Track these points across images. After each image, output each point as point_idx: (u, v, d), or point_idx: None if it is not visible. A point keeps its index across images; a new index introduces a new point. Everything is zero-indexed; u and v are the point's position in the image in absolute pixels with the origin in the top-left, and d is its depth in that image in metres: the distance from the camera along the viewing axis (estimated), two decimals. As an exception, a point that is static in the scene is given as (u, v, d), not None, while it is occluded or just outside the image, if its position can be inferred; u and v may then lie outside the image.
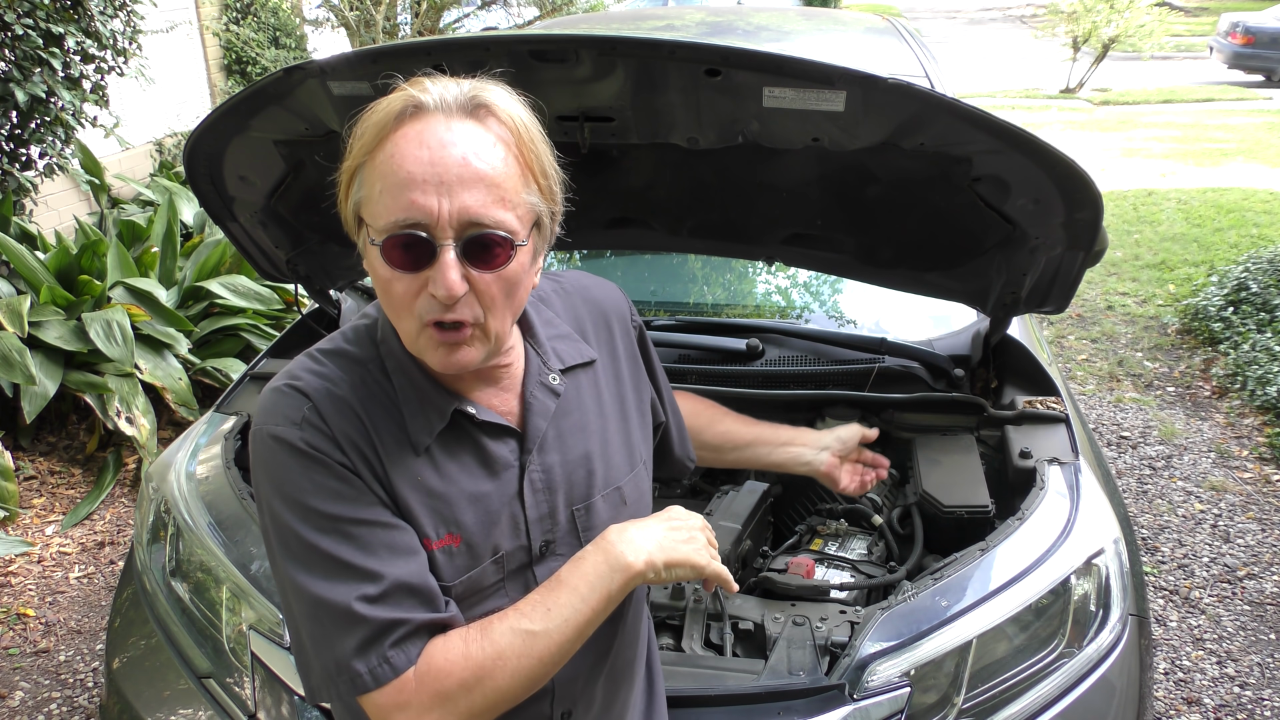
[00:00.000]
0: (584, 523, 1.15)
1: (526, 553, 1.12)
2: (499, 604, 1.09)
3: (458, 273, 0.96)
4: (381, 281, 1.00)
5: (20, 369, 3.65)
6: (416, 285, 0.98)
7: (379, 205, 0.97)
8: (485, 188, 0.96)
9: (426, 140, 0.95)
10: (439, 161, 0.95)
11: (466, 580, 1.07)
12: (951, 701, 1.53)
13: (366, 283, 2.74)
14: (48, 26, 4.18)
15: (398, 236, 0.96)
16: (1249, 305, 5.08)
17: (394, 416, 1.06)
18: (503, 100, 1.00)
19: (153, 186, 5.88)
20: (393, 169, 0.96)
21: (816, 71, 1.55)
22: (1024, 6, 23.74)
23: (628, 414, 1.24)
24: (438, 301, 0.97)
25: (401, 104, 0.98)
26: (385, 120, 0.98)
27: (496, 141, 0.98)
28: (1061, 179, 1.65)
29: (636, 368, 1.31)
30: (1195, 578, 3.38)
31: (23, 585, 3.40)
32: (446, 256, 0.95)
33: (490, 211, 0.96)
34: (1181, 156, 9.63)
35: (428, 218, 0.95)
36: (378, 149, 0.98)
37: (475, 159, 0.96)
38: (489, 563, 1.09)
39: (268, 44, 7.72)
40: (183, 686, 1.78)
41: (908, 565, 1.92)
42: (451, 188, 0.94)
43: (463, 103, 0.98)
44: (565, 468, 1.14)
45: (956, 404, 2.16)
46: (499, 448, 1.10)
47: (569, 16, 7.34)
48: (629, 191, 2.13)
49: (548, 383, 1.14)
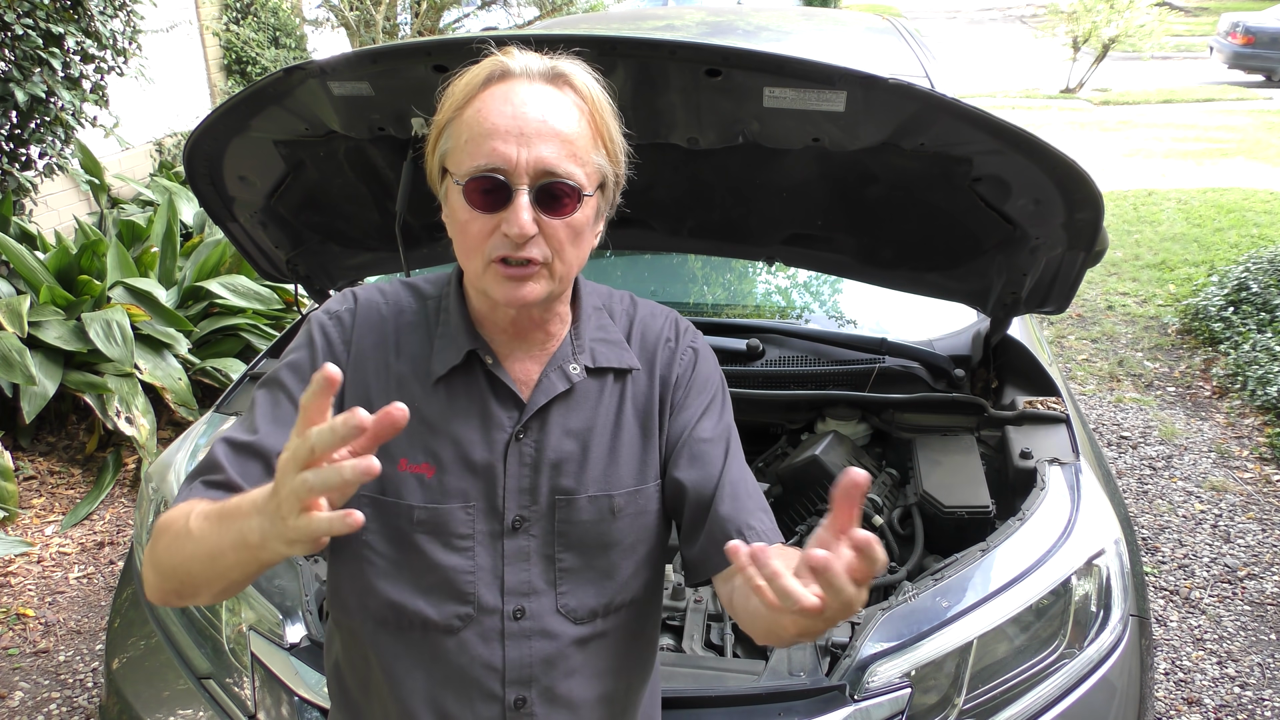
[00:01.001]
0: (564, 514, 1.16)
1: (499, 520, 1.15)
2: (463, 563, 1.14)
3: (530, 214, 1.05)
4: (459, 223, 1.10)
5: (20, 369, 3.65)
6: (491, 225, 1.07)
7: (464, 153, 1.07)
8: (560, 142, 1.06)
9: (511, 98, 1.06)
10: (520, 116, 1.05)
11: (432, 510, 1.13)
12: (952, 702, 1.53)
13: (367, 282, 2.74)
14: (48, 26, 4.18)
15: (479, 180, 1.06)
16: (1249, 305, 5.08)
17: (425, 346, 1.17)
18: (580, 73, 1.11)
19: (152, 186, 5.88)
20: (479, 121, 1.06)
21: (817, 71, 1.55)
22: (1024, 6, 23.73)
23: (650, 431, 1.23)
24: (509, 240, 1.06)
25: (490, 68, 1.09)
26: (475, 80, 1.09)
27: (573, 105, 1.09)
28: (1062, 179, 1.65)
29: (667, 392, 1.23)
30: (1196, 578, 3.37)
31: (22, 585, 3.40)
32: (521, 199, 1.05)
33: (562, 163, 1.06)
34: (1181, 156, 9.63)
35: (507, 164, 1.05)
36: (466, 105, 1.08)
37: (552, 117, 1.07)
38: (457, 506, 1.14)
39: (268, 44, 7.72)
40: (182, 687, 1.78)
41: (908, 566, 1.92)
42: (530, 139, 1.05)
43: (545, 71, 1.09)
44: (558, 453, 1.16)
45: (957, 404, 2.16)
46: (500, 410, 1.16)
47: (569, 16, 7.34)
48: (629, 191, 2.12)
49: (567, 370, 1.19)
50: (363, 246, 2.35)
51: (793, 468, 2.16)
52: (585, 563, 1.17)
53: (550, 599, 1.16)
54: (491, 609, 1.15)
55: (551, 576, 1.16)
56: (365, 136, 1.85)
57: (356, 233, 2.30)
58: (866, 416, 2.29)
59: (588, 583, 1.18)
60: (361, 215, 2.24)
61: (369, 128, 1.82)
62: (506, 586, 1.15)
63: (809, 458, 2.14)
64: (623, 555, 1.19)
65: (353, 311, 1.19)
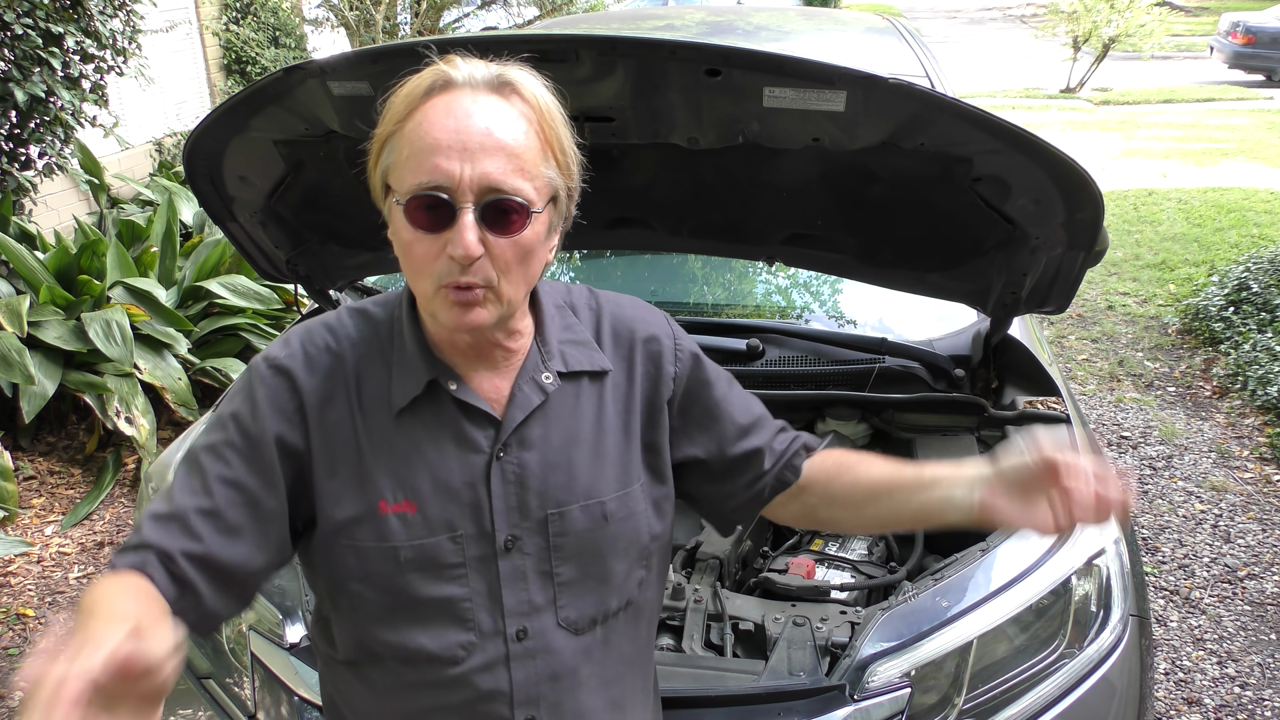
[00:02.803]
0: (557, 528, 1.13)
1: (490, 543, 1.11)
2: (458, 591, 1.10)
3: (475, 234, 1.00)
4: (403, 244, 1.05)
5: (19, 369, 3.65)
6: (436, 247, 1.02)
7: (405, 169, 1.02)
8: (505, 156, 1.01)
9: (453, 110, 1.01)
10: (463, 129, 1.00)
11: (418, 547, 1.09)
12: (952, 702, 1.53)
13: (367, 282, 2.74)
14: (47, 26, 4.18)
15: (421, 198, 1.01)
16: (1250, 305, 5.08)
17: (385, 377, 1.12)
18: (527, 81, 1.06)
19: (152, 186, 5.88)
20: (420, 135, 1.01)
21: (817, 71, 1.55)
22: (1024, 6, 23.73)
23: (631, 433, 1.20)
24: (455, 263, 1.01)
25: (431, 78, 1.03)
26: (415, 92, 1.03)
27: (519, 116, 1.03)
28: (1062, 179, 1.65)
29: (655, 401, 1.22)
30: (1196, 578, 3.37)
31: (22, 585, 3.40)
32: (465, 218, 1.00)
33: (509, 179, 1.01)
34: (1182, 156, 9.63)
35: (449, 181, 0.99)
36: (407, 118, 1.03)
37: (497, 129, 1.01)
38: (445, 538, 1.10)
39: (268, 44, 7.72)
40: (183, 687, 1.78)
41: (908, 565, 1.92)
42: (474, 154, 1.00)
43: (489, 80, 1.04)
44: (543, 468, 1.13)
45: (957, 404, 2.16)
46: (474, 430, 1.12)
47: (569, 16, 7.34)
48: (629, 191, 2.13)
49: (539, 379, 1.14)
50: (363, 246, 2.35)
51: (793, 468, 2.16)
52: (582, 572, 1.15)
53: (551, 615, 1.14)
54: (493, 633, 1.12)
55: (550, 592, 1.14)
56: (365, 136, 1.85)
57: (356, 233, 2.30)
58: (866, 416, 2.29)
59: (586, 592, 1.16)
60: (361, 215, 2.22)
61: (369, 128, 1.82)
62: (506, 609, 1.12)
63: (809, 458, 2.14)
64: (617, 559, 1.18)
65: (300, 357, 1.11)
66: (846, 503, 1.28)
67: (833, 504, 1.29)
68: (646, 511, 1.21)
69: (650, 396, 1.22)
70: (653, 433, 1.23)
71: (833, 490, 1.28)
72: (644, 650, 1.30)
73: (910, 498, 1.20)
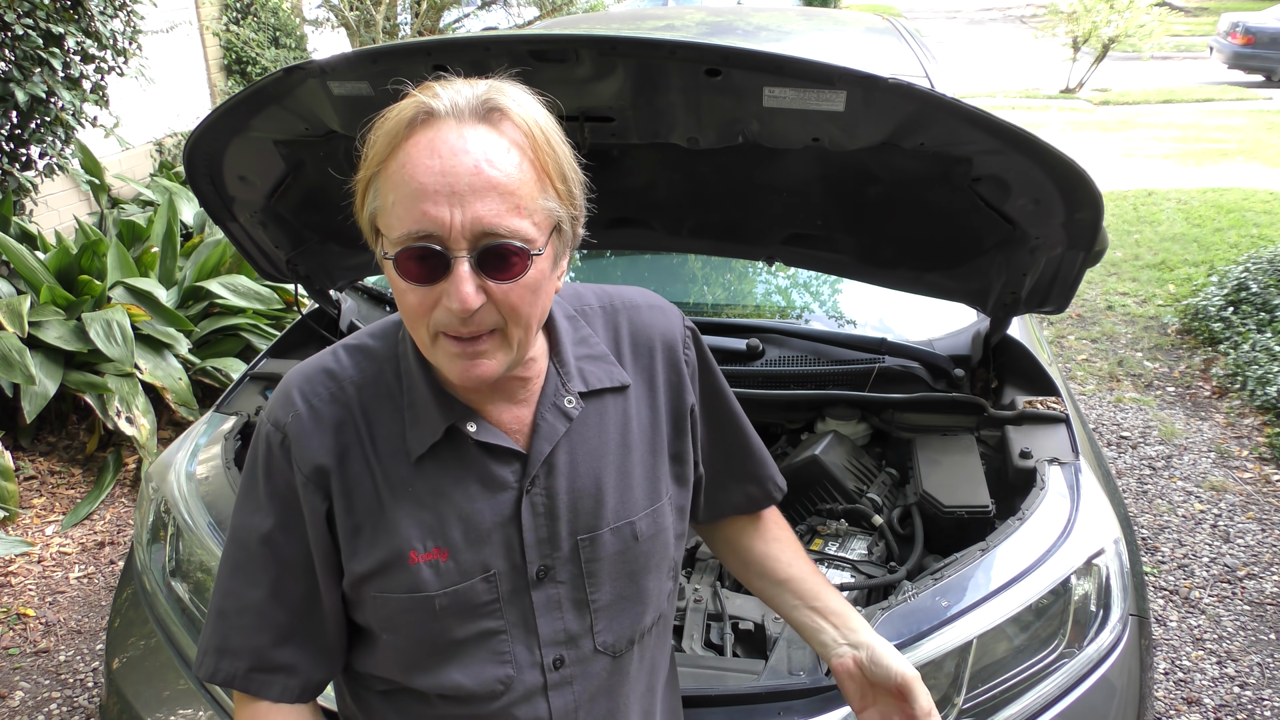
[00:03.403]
0: (589, 554, 1.10)
1: (522, 576, 1.08)
2: (493, 625, 1.08)
3: (472, 285, 0.93)
4: (398, 291, 0.98)
5: (20, 369, 3.65)
6: (432, 297, 0.95)
7: (392, 216, 0.94)
8: (499, 196, 0.92)
9: (438, 148, 0.92)
10: (450, 170, 0.91)
11: (452, 593, 1.05)
12: (952, 702, 1.53)
13: (367, 282, 2.74)
14: (48, 26, 4.18)
15: (411, 249, 0.93)
16: (1249, 305, 5.08)
17: (397, 421, 1.06)
18: (517, 103, 0.96)
19: (153, 186, 5.88)
20: (404, 179, 0.93)
21: (817, 71, 1.55)
22: (1024, 6, 23.73)
23: (658, 447, 1.17)
24: (454, 314, 0.94)
25: (413, 111, 0.94)
26: (396, 129, 0.94)
27: (510, 146, 0.94)
28: (1061, 179, 1.65)
29: (680, 402, 1.20)
30: (1195, 578, 3.38)
31: (23, 585, 3.40)
32: (461, 269, 0.93)
33: (505, 221, 0.93)
34: (1181, 156, 9.63)
35: (440, 229, 0.92)
36: (390, 159, 0.95)
37: (488, 166, 0.92)
38: (478, 580, 1.06)
39: (268, 44, 7.72)
40: (183, 686, 1.78)
41: (908, 565, 1.92)
42: (464, 197, 0.91)
43: (475, 107, 0.94)
44: (572, 494, 1.09)
45: (956, 404, 2.16)
46: (499, 468, 1.07)
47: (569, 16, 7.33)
48: (629, 191, 2.13)
49: (562, 405, 1.09)
50: (363, 246, 2.34)
51: (793, 467, 2.16)
52: (617, 594, 1.13)
53: (589, 641, 1.12)
54: (530, 665, 1.09)
55: (587, 620, 1.11)
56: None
57: (356, 233, 2.29)
58: (866, 416, 2.29)
59: (621, 614, 1.14)
60: (362, 215, 2.24)
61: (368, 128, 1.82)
62: (542, 639, 1.09)
63: (809, 457, 2.14)
64: (650, 576, 1.16)
65: (307, 417, 1.06)
66: (745, 563, 1.38)
67: (736, 556, 1.39)
68: (674, 524, 1.19)
69: (675, 405, 1.19)
70: (679, 442, 1.20)
71: (745, 549, 1.38)
72: (669, 655, 1.31)
73: (795, 607, 1.30)
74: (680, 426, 1.20)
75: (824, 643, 1.25)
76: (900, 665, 1.16)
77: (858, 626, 1.24)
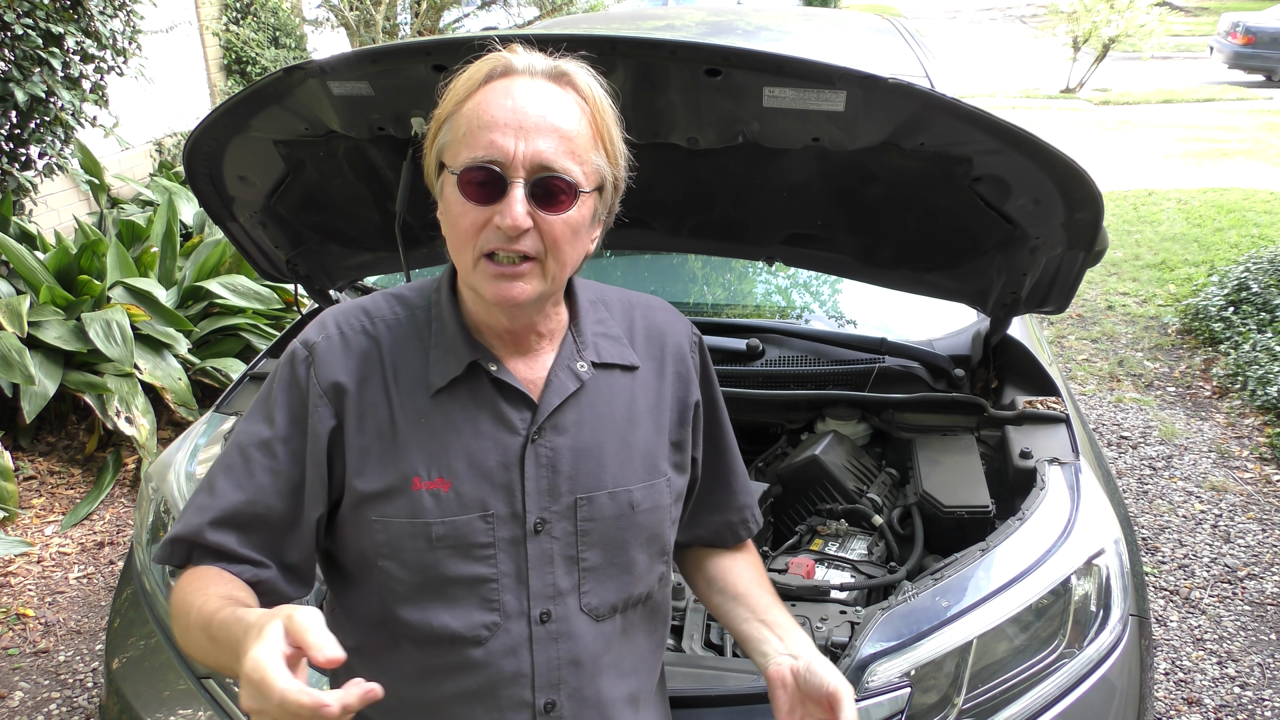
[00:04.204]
0: (585, 512, 1.16)
1: (520, 524, 1.13)
2: (486, 571, 1.13)
3: (524, 208, 1.04)
4: (452, 215, 1.08)
5: (20, 369, 3.65)
6: (484, 217, 1.06)
7: (462, 144, 1.06)
8: (559, 138, 1.05)
9: (512, 92, 1.06)
10: (520, 109, 1.05)
11: (450, 524, 1.11)
12: (952, 702, 1.53)
13: (367, 283, 2.74)
14: (47, 26, 4.18)
15: (474, 170, 1.05)
16: (1249, 305, 5.08)
17: (421, 358, 1.15)
18: (583, 74, 1.11)
19: (152, 186, 5.88)
20: (479, 113, 1.06)
21: (817, 71, 1.55)
22: (1024, 6, 23.73)
23: (660, 428, 1.24)
24: (502, 232, 1.05)
25: (493, 64, 1.08)
26: (476, 76, 1.08)
27: (574, 104, 1.08)
28: (1062, 179, 1.65)
29: (685, 394, 1.28)
30: (1196, 578, 3.37)
31: (22, 585, 3.40)
32: (516, 192, 1.04)
33: (560, 159, 1.05)
34: (1181, 156, 9.63)
35: (504, 156, 1.04)
36: (467, 99, 1.08)
37: (553, 113, 1.06)
38: (476, 517, 1.12)
39: (268, 44, 7.72)
40: (182, 686, 1.78)
41: (908, 565, 1.92)
42: (529, 133, 1.04)
43: (548, 69, 1.09)
44: (575, 453, 1.16)
45: (957, 404, 2.16)
46: (511, 412, 1.15)
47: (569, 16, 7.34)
48: (629, 191, 2.12)
49: (574, 368, 1.18)
50: (363, 246, 2.35)
51: (792, 468, 2.16)
52: (606, 559, 1.18)
53: (575, 599, 1.16)
54: (518, 615, 1.14)
55: (575, 577, 1.16)
56: (365, 136, 1.85)
57: (356, 233, 2.30)
58: (866, 416, 2.29)
59: (609, 579, 1.18)
60: (361, 215, 2.24)
61: (369, 128, 1.82)
62: (531, 591, 1.14)
63: (809, 457, 2.14)
64: (640, 549, 1.20)
65: (337, 338, 1.15)
66: (707, 579, 1.39)
67: (698, 573, 1.41)
68: (671, 506, 1.24)
69: (680, 395, 1.27)
70: (681, 430, 1.26)
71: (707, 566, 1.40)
72: (658, 651, 1.31)
73: (744, 619, 1.31)
74: (684, 417, 1.27)
75: (765, 652, 1.26)
76: (834, 678, 1.16)
77: (802, 642, 1.25)
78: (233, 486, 1.13)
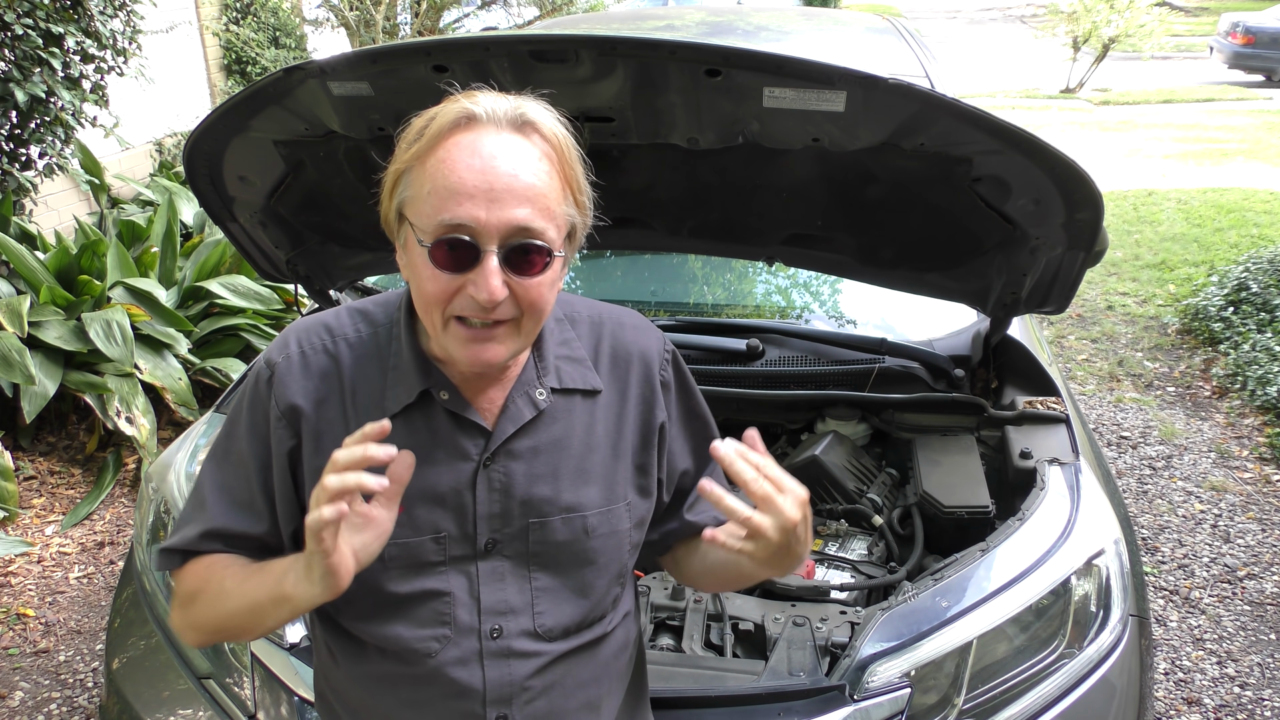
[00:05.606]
0: (538, 535, 1.16)
1: (471, 544, 1.14)
2: (438, 585, 1.14)
3: (499, 279, 1.01)
4: (420, 278, 1.05)
5: (20, 369, 3.65)
6: (455, 285, 1.03)
7: (427, 205, 1.02)
8: (530, 200, 1.02)
9: (478, 150, 1.01)
10: (489, 171, 1.00)
11: (402, 545, 1.11)
12: (952, 702, 1.53)
13: (367, 282, 2.74)
14: (48, 26, 4.18)
15: (446, 240, 1.01)
16: (1249, 305, 5.08)
17: (380, 380, 1.15)
18: (545, 118, 1.06)
19: (153, 186, 5.88)
20: (444, 173, 1.01)
21: (817, 71, 1.55)
22: (1024, 6, 23.73)
23: (621, 453, 1.21)
24: (477, 303, 1.02)
25: (455, 114, 1.03)
26: (439, 128, 1.03)
27: (541, 156, 1.04)
28: (1062, 179, 1.65)
29: (650, 416, 1.24)
30: (1195, 578, 3.37)
31: (23, 585, 3.40)
32: (489, 263, 1.01)
33: (534, 222, 1.02)
34: (1181, 156, 9.63)
35: (475, 224, 1.00)
36: (429, 154, 1.03)
37: (523, 172, 1.02)
38: (428, 539, 1.13)
39: (268, 44, 7.72)
40: (182, 687, 1.78)
41: (908, 566, 1.92)
42: (500, 198, 1.00)
43: (512, 118, 1.04)
44: (529, 478, 1.15)
45: (957, 404, 2.16)
46: (464, 440, 1.14)
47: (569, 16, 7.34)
48: (629, 191, 2.13)
49: (532, 395, 1.16)
50: (363, 246, 2.35)
51: (793, 468, 2.16)
52: (560, 582, 1.17)
53: (527, 618, 1.16)
54: (468, 629, 1.14)
55: (528, 596, 1.16)
56: (365, 136, 1.85)
57: (356, 233, 2.30)
58: (866, 416, 2.29)
59: (563, 601, 1.17)
60: (361, 215, 2.23)
61: (369, 128, 1.82)
62: (483, 606, 1.14)
63: (809, 458, 2.14)
64: (597, 574, 1.19)
65: (297, 359, 1.15)
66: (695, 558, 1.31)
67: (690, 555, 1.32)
68: (630, 530, 1.22)
69: (645, 418, 1.23)
70: (645, 453, 1.23)
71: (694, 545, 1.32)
72: (627, 662, 1.30)
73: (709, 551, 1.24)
74: (648, 440, 1.24)
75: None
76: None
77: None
78: (219, 504, 1.16)
